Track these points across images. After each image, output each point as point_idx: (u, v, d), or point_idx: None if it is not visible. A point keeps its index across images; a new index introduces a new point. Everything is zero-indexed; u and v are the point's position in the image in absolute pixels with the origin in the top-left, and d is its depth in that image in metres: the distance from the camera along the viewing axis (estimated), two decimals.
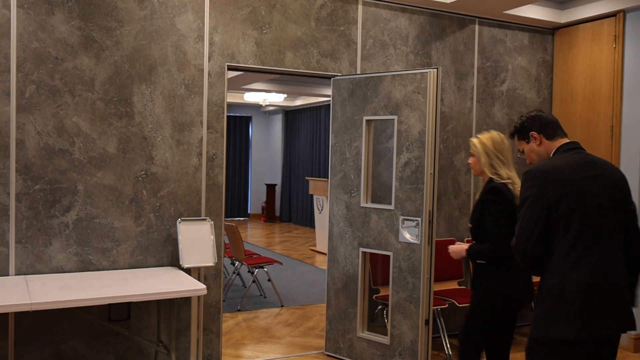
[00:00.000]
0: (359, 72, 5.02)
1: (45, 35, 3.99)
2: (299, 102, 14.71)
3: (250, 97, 13.27)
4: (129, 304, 3.89)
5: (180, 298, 4.15)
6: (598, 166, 2.54)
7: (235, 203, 16.14)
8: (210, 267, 4.42)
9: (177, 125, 4.40)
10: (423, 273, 4.37)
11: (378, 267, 4.95)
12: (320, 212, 10.66)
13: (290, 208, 15.67)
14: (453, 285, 5.42)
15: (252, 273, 6.81)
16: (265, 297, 7.03)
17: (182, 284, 3.87)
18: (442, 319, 5.10)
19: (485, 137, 3.36)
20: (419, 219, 4.38)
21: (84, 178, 4.12)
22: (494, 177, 3.26)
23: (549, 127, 2.68)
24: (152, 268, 4.33)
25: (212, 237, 4.39)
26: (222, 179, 4.58)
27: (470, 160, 3.47)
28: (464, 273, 5.49)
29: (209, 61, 4.50)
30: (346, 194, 4.79)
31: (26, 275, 3.95)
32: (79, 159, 4.11)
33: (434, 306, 4.69)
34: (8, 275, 3.94)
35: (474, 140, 3.42)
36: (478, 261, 3.33)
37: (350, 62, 5.03)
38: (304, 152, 14.92)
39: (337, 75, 4.91)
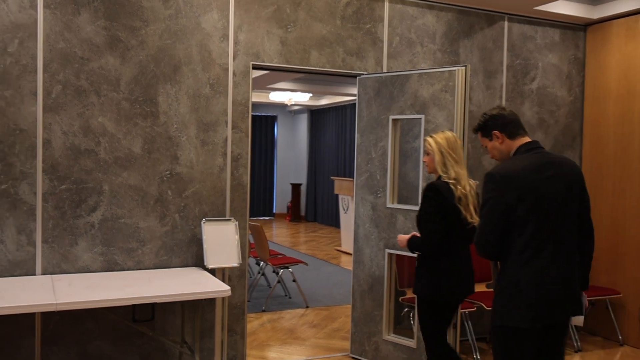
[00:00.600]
0: (385, 70, 4.95)
1: (71, 35, 4.00)
2: (324, 101, 14.66)
3: (275, 97, 13.26)
4: (153, 304, 3.87)
5: (205, 299, 4.12)
6: (555, 166, 2.70)
7: (260, 202, 16.16)
8: (235, 267, 4.38)
9: (202, 125, 4.38)
10: None
11: (404, 269, 4.87)
12: (345, 212, 10.60)
13: (316, 208, 15.64)
14: (481, 287, 5.31)
15: (277, 273, 6.78)
16: (290, 298, 6.99)
17: (206, 285, 3.85)
18: (470, 322, 4.99)
19: (440, 136, 3.46)
20: None
21: (109, 178, 4.12)
22: (443, 175, 3.38)
23: (511, 127, 2.79)
24: (177, 268, 4.32)
25: (237, 238, 4.36)
26: (247, 178, 4.55)
27: (425, 158, 3.59)
28: (492, 275, 5.37)
29: (233, 60, 4.47)
30: (372, 195, 4.72)
31: (52, 275, 3.96)
32: (105, 159, 4.11)
33: (461, 309, 4.59)
34: (35, 274, 3.96)
35: (429, 139, 3.51)
36: (415, 253, 3.57)
37: (377, 60, 4.95)
38: (329, 151, 14.87)
39: (362, 74, 4.84)
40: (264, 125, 16.25)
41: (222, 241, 4.32)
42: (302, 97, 13.20)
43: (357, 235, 4.85)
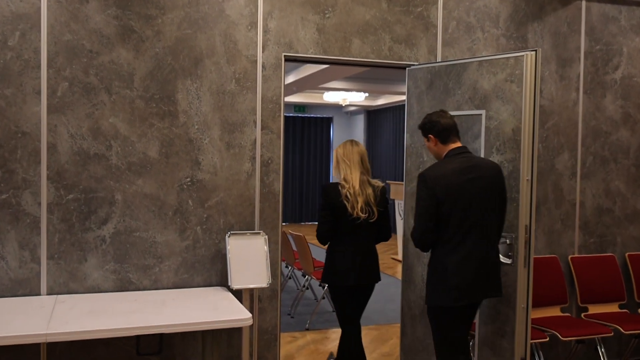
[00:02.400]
0: (439, 60, 4.28)
1: (78, 26, 3.55)
2: (382, 101, 14.00)
3: (329, 97, 12.73)
4: (160, 335, 3.37)
5: None
6: (477, 169, 3.21)
7: (314, 207, 15.65)
8: (265, 288, 3.83)
9: (227, 126, 3.85)
10: (519, 301, 3.57)
11: None
12: (402, 218, 9.88)
13: None
14: (555, 311, 4.55)
15: (323, 287, 6.19)
16: None
17: (226, 310, 3.30)
18: (541, 353, 4.25)
19: (340, 145, 3.85)
20: (513, 235, 3.59)
21: (122, 186, 3.65)
22: (338, 178, 3.81)
23: (444, 134, 3.29)
24: (199, 288, 3.81)
25: (267, 254, 3.80)
26: (279, 186, 3.99)
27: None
28: (567, 296, 4.60)
29: (263, 52, 3.92)
30: None
31: (58, 295, 3.53)
32: (117, 165, 3.64)
33: (532, 340, 3.87)
34: (39, 294, 3.53)
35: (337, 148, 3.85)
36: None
37: (429, 48, 4.29)
38: (387, 153, 14.19)
39: (413, 65, 4.19)
40: (319, 127, 15.73)
41: (250, 258, 3.78)
42: (357, 97, 12.61)
43: (407, 251, 4.20)
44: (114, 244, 3.65)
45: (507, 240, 3.61)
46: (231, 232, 3.80)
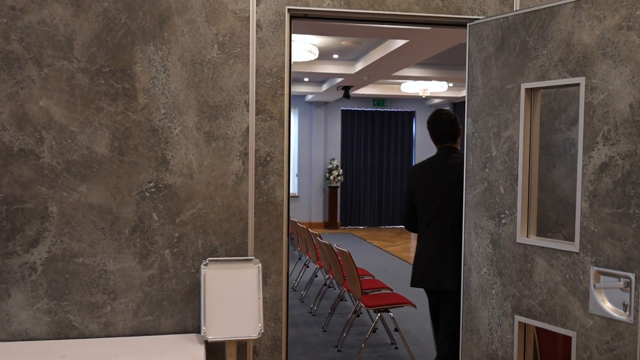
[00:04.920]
0: (517, 9, 2.97)
1: None
2: None
3: (408, 88, 11.43)
4: None
5: None
6: (442, 167, 3.47)
7: (395, 210, 14.36)
8: (260, 338, 2.70)
9: (207, 109, 2.76)
10: None
11: (550, 352, 2.85)
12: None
13: None
14: None
15: (378, 313, 4.98)
16: (397, 348, 5.15)
17: None
18: None
19: None
20: (632, 275, 2.24)
21: (58, 194, 2.65)
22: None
23: (439, 136, 3.55)
24: (168, 336, 2.74)
25: (259, 290, 2.67)
26: (283, 193, 2.84)
27: None
28: None
29: (257, 4, 2.79)
30: (492, 220, 2.78)
31: None
32: (51, 165, 2.64)
33: None
34: None
35: None
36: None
37: None
38: None
39: (477, 19, 2.91)
40: (400, 122, 14.40)
41: (236, 296, 2.67)
42: (439, 88, 11.23)
43: (468, 286, 2.93)
44: (47, 273, 2.65)
45: (621, 282, 2.27)
46: (210, 259, 2.70)
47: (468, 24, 2.92)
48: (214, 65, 2.76)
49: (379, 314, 4.87)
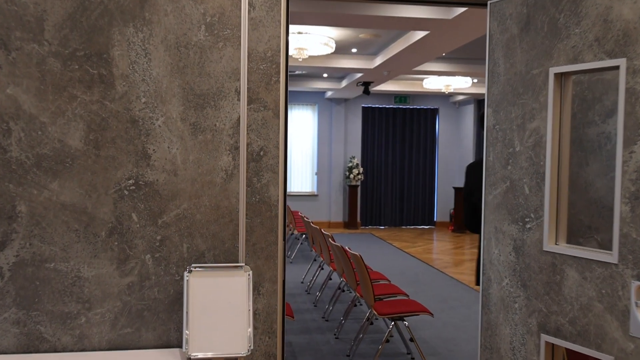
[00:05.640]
0: None
1: None
2: None
3: (430, 84, 11.05)
4: None
5: None
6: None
7: (419, 209, 14.00)
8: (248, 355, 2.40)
9: (193, 98, 2.47)
10: None
11: None
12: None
13: None
14: None
15: (391, 321, 4.65)
16: (413, 359, 4.81)
17: None
18: None
19: None
20: None
21: (27, 192, 2.38)
22: None
23: None
24: (149, 351, 2.45)
25: (249, 301, 2.38)
26: (278, 191, 2.54)
27: None
28: None
29: None
30: (515, 224, 2.44)
31: None
32: (19, 160, 2.37)
33: None
34: None
35: None
36: None
37: None
38: None
39: None
40: (422, 119, 14.01)
41: (223, 307, 2.37)
42: (462, 83, 10.83)
43: (488, 298, 2.59)
44: (15, 280, 2.39)
45: None
46: (194, 265, 2.41)
47: (489, 2, 2.58)
48: (200, 49, 2.47)
49: (393, 322, 4.54)
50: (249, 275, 2.42)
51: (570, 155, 2.35)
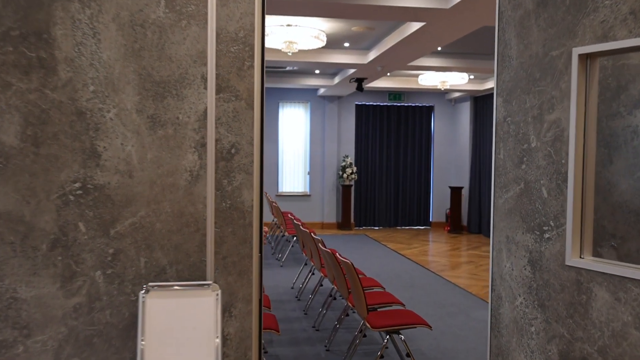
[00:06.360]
0: None
1: None
2: (490, 84, 11.70)
3: (425, 80, 10.68)
4: None
5: None
6: None
7: (414, 209, 13.64)
8: None
9: (151, 86, 2.09)
10: None
11: None
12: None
13: (481, 217, 12.69)
14: None
15: (386, 335, 4.28)
16: None
17: None
18: None
19: None
20: None
21: None
22: None
23: None
24: None
25: (217, 327, 2.00)
26: (253, 196, 2.17)
27: None
28: None
29: None
30: (530, 233, 2.07)
31: None
32: None
33: None
34: None
35: None
36: None
37: None
38: None
39: None
40: (417, 117, 13.65)
41: (186, 333, 2.00)
42: (459, 80, 10.47)
43: (498, 319, 2.22)
44: None
45: None
46: (152, 284, 2.03)
47: None
48: (160, 28, 2.09)
49: (387, 336, 4.17)
50: (217, 295, 2.04)
51: (596, 152, 1.98)
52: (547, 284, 2.01)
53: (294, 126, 13.06)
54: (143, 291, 2.00)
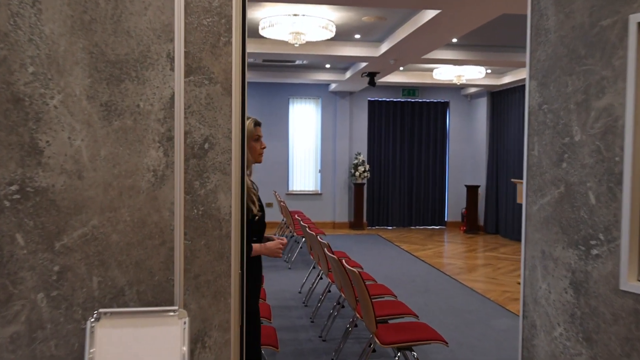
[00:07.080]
0: None
1: None
2: (508, 78, 11.25)
3: (440, 75, 10.24)
4: None
5: None
6: None
7: (429, 208, 13.22)
8: None
9: (106, 67, 1.71)
10: None
11: None
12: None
13: (498, 216, 12.24)
14: None
15: (398, 351, 3.88)
16: None
17: None
18: None
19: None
20: None
21: None
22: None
23: None
24: None
25: (185, 359, 1.62)
26: (231, 200, 1.77)
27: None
28: None
29: None
30: (573, 248, 1.66)
31: None
32: None
33: None
34: None
35: None
36: None
37: None
38: (515, 145, 11.38)
39: None
40: (432, 113, 13.21)
41: None
42: (475, 74, 10.02)
43: (532, 353, 1.81)
44: None
45: None
46: (103, 310, 1.65)
47: None
48: None
49: (399, 352, 3.76)
50: (184, 322, 1.66)
51: None
52: (596, 313, 1.60)
53: (304, 122, 12.69)
54: (92, 318, 1.62)
